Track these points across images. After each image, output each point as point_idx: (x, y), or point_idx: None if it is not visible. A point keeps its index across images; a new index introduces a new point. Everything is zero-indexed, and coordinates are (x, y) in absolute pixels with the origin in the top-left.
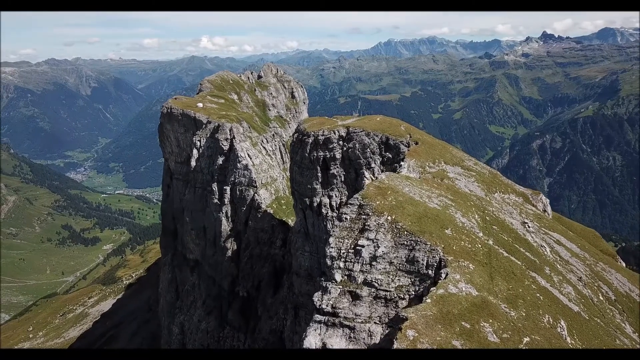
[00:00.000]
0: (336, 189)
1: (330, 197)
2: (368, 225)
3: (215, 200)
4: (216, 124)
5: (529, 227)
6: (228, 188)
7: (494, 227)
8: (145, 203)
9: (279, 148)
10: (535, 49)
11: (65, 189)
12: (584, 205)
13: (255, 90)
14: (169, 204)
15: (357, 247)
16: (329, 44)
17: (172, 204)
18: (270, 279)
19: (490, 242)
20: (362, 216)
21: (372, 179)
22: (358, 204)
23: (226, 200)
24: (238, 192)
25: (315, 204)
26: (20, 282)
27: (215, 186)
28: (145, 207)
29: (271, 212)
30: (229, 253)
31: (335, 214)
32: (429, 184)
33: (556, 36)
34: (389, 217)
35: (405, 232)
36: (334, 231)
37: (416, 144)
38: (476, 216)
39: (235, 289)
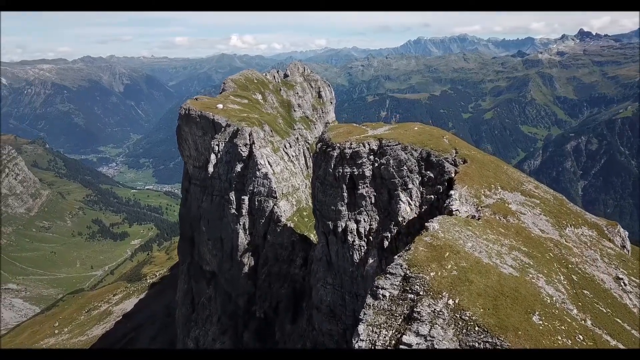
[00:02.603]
0: (365, 213)
1: (357, 221)
2: (418, 313)
3: (233, 211)
4: (235, 127)
5: (625, 284)
6: (246, 198)
7: (585, 292)
8: (173, 199)
9: (303, 152)
10: (571, 47)
11: (96, 183)
12: (621, 210)
13: (280, 89)
14: (186, 209)
15: (401, 346)
16: (357, 42)
17: (190, 210)
18: (289, 302)
19: (589, 324)
20: (409, 295)
21: (409, 202)
22: (402, 274)
23: (244, 211)
24: (257, 203)
25: (339, 229)
26: (51, 275)
27: (232, 195)
28: (173, 203)
29: (292, 226)
30: (246, 269)
31: (363, 243)
32: (494, 229)
33: (594, 34)
34: (451, 301)
35: (477, 328)
36: (365, 314)
37: (464, 161)
38: (561, 277)
39: (251, 308)
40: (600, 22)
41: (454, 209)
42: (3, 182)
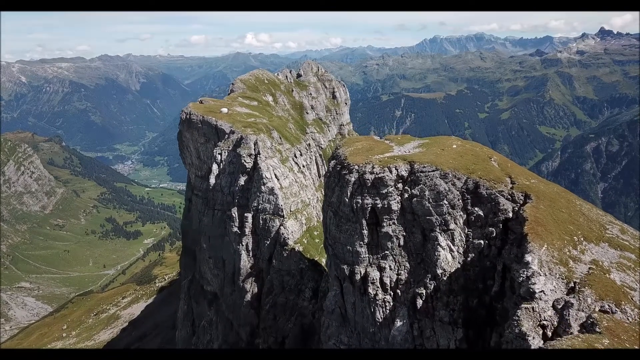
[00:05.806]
0: (391, 258)
1: (381, 269)
2: None
3: (235, 229)
4: (240, 135)
5: None
6: (250, 215)
7: None
8: None
9: (315, 160)
10: (591, 45)
11: (111, 181)
12: None
13: (292, 90)
14: (189, 221)
15: None
16: (373, 41)
17: (192, 223)
18: (296, 340)
19: None
20: None
21: (450, 248)
22: None
23: (247, 230)
24: (261, 222)
25: (357, 277)
26: (63, 274)
27: (235, 211)
28: None
29: (300, 249)
30: (249, 297)
31: (388, 297)
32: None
33: (615, 32)
34: None
35: None
36: None
37: (525, 196)
38: None
39: (255, 341)
40: (622, 20)
41: (537, 290)
42: (19, 180)
